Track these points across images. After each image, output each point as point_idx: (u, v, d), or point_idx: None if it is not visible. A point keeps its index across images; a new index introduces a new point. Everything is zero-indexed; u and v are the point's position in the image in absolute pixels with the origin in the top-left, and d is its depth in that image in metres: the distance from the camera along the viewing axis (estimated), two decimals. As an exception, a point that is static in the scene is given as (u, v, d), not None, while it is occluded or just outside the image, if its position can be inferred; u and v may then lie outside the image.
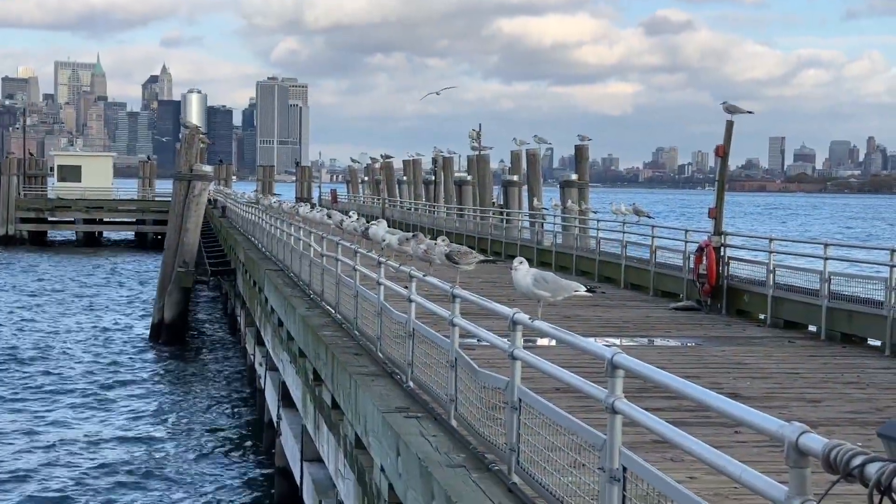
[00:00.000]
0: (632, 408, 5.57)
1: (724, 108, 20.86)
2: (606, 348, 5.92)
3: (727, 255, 20.61)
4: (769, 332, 17.56)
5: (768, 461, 7.60)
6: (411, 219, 55.13)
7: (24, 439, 24.26)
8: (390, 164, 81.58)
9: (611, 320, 18.60)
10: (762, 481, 4.16)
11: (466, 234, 40.07)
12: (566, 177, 44.40)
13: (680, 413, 9.62)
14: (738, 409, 4.47)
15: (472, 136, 58.55)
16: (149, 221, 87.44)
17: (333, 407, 13.14)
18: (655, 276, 23.76)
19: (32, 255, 75.66)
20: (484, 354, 10.63)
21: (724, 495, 7.03)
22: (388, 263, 13.60)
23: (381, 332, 12.60)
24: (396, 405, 10.15)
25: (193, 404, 28.57)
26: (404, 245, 17.73)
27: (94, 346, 38.00)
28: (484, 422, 8.28)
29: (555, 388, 9.41)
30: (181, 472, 21.95)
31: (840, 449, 3.59)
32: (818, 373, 13.41)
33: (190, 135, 43.39)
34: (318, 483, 15.09)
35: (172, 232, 39.38)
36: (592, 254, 28.24)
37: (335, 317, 16.37)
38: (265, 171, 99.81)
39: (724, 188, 21.29)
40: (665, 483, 5.09)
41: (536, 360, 7.31)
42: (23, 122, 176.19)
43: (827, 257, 17.33)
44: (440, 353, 9.81)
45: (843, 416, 10.56)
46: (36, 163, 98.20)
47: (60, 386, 30.58)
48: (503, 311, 8.16)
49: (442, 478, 7.61)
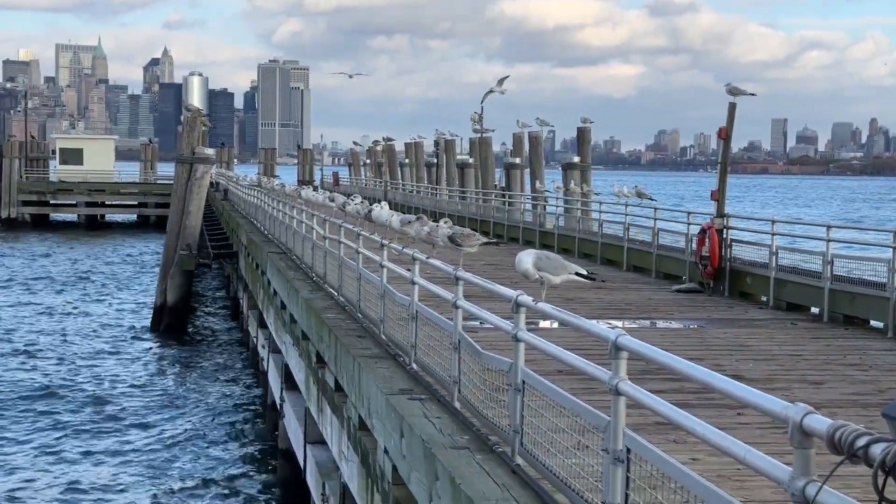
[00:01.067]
0: (636, 389, 5.58)
1: (726, 90, 20.82)
2: (610, 330, 5.93)
3: (730, 238, 20.61)
4: (771, 315, 17.57)
5: (771, 443, 7.61)
6: (413, 201, 55.10)
7: (27, 425, 24.33)
8: (392, 147, 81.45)
9: (613, 303, 18.61)
10: (767, 462, 4.17)
11: (469, 217, 40.05)
12: (568, 159, 44.33)
13: (682, 395, 9.63)
14: (742, 391, 4.48)
15: (474, 119, 58.41)
16: (151, 204, 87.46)
17: (337, 389, 13.16)
18: (658, 258, 23.76)
19: (35, 238, 75.64)
20: (487, 337, 10.64)
21: (726, 477, 7.05)
22: (390, 246, 13.60)
23: (385, 314, 12.62)
24: (400, 387, 10.17)
25: (195, 387, 28.63)
26: (406, 227, 17.73)
27: (95, 329, 38.06)
28: (487, 403, 8.30)
29: (557, 370, 9.43)
30: (184, 454, 22.01)
31: (845, 430, 3.60)
32: (820, 355, 13.42)
33: (192, 118, 43.35)
34: (321, 465, 15.13)
35: (175, 215, 39.37)
36: (595, 236, 28.24)
37: (338, 299, 16.39)
38: (267, 153, 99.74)
39: (726, 170, 21.26)
40: (669, 464, 5.10)
41: (540, 341, 7.32)
42: (24, 105, 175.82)
43: (830, 239, 17.31)
44: (443, 335, 9.82)
45: (846, 397, 10.57)
46: (38, 146, 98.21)
47: (62, 370, 30.63)
48: (506, 293, 8.16)
49: (446, 459, 7.63)
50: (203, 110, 61.50)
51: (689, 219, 23.03)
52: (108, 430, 23.85)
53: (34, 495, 19.38)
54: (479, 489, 6.93)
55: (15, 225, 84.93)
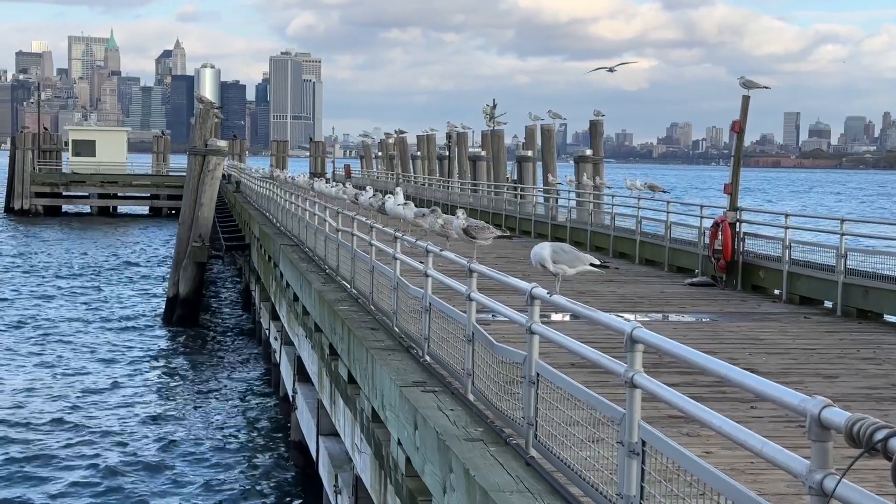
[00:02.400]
0: (651, 382, 5.58)
1: (740, 84, 20.74)
2: (626, 322, 5.93)
3: (742, 231, 20.56)
4: (784, 308, 17.53)
5: (785, 437, 7.61)
6: (425, 194, 55.09)
7: (38, 415, 24.42)
8: (404, 140, 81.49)
9: (625, 296, 18.59)
10: (784, 455, 4.17)
11: (480, 210, 40.03)
12: (581, 152, 44.29)
13: (696, 388, 9.63)
14: (760, 384, 4.48)
15: (486, 112, 58.44)
16: (163, 196, 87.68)
17: (350, 381, 13.19)
18: (670, 251, 23.72)
19: (47, 229, 75.82)
20: (500, 329, 10.64)
21: (740, 470, 7.04)
22: (404, 238, 13.61)
23: (398, 306, 12.63)
24: (413, 379, 10.19)
25: (207, 379, 28.70)
26: (420, 219, 17.73)
27: (106, 321, 38.17)
28: (501, 396, 8.30)
29: (570, 363, 9.44)
30: (196, 447, 22.07)
31: (863, 423, 3.60)
32: (834, 348, 13.39)
33: (204, 110, 43.39)
34: (333, 457, 15.16)
35: (187, 207, 39.43)
36: (607, 229, 28.20)
37: (351, 291, 16.40)
38: (278, 146, 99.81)
39: (739, 164, 21.20)
40: (685, 457, 5.10)
41: (554, 334, 7.32)
42: (37, 97, 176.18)
43: (843, 233, 17.26)
44: (456, 327, 9.83)
45: (860, 391, 10.55)
46: (50, 137, 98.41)
47: (73, 361, 30.74)
48: (521, 285, 8.16)
49: (460, 451, 7.64)
50: (215, 102, 61.55)
51: (701, 212, 22.98)
52: (119, 420, 23.92)
53: (46, 484, 19.45)
54: (493, 481, 6.94)
55: (28, 216, 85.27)
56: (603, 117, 44.09)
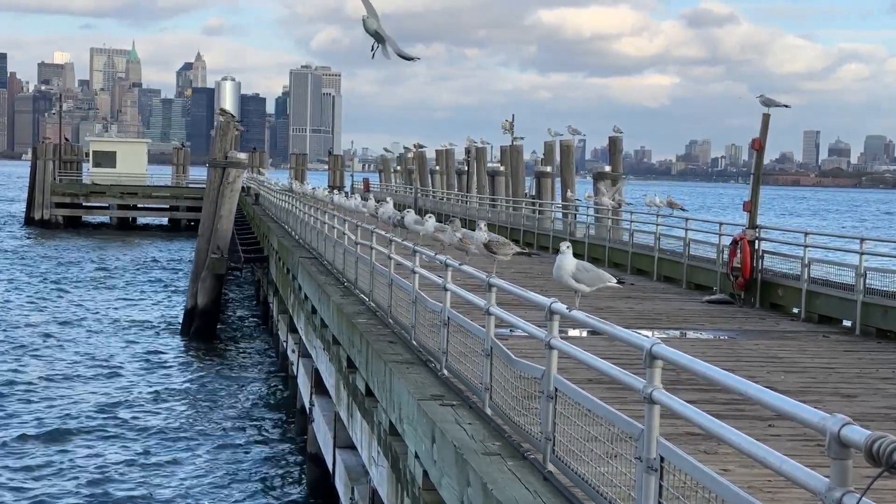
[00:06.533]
0: (671, 398, 5.59)
1: (760, 102, 20.75)
2: (645, 338, 5.95)
3: (761, 249, 20.53)
4: (803, 327, 17.48)
5: (803, 455, 7.59)
6: (444, 209, 55.15)
7: (59, 423, 24.52)
8: (423, 154, 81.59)
9: (643, 312, 18.58)
10: (803, 472, 4.18)
11: (499, 225, 40.04)
12: (599, 168, 44.28)
13: (714, 406, 9.61)
14: (780, 401, 4.49)
15: (504, 127, 58.45)
16: (182, 208, 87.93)
17: (367, 394, 13.20)
18: (688, 268, 23.69)
19: (67, 240, 76.17)
20: (518, 344, 10.65)
21: (757, 488, 7.03)
22: (423, 252, 13.64)
23: (416, 320, 12.66)
24: (431, 393, 10.20)
25: (224, 391, 28.76)
26: (440, 234, 17.76)
27: (125, 332, 38.31)
28: (519, 410, 8.32)
29: (588, 378, 9.45)
30: (212, 458, 22.12)
31: (883, 441, 3.61)
32: (853, 368, 13.35)
33: (225, 122, 43.59)
34: (350, 469, 15.17)
35: (206, 219, 39.58)
36: (625, 246, 28.18)
37: (369, 305, 16.44)
38: (297, 159, 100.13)
39: (759, 181, 21.18)
40: (704, 473, 5.11)
41: (574, 349, 7.34)
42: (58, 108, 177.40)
43: (863, 252, 17.21)
44: (474, 341, 9.85)
45: (879, 411, 10.52)
46: (71, 148, 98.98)
47: (91, 371, 30.86)
48: (540, 300, 8.19)
49: (478, 465, 7.65)
50: (235, 115, 61.83)
51: (720, 229, 22.95)
52: (136, 431, 23.99)
53: (61, 493, 19.52)
54: (510, 495, 6.95)
55: (48, 226, 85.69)
56: (621, 134, 44.08)
